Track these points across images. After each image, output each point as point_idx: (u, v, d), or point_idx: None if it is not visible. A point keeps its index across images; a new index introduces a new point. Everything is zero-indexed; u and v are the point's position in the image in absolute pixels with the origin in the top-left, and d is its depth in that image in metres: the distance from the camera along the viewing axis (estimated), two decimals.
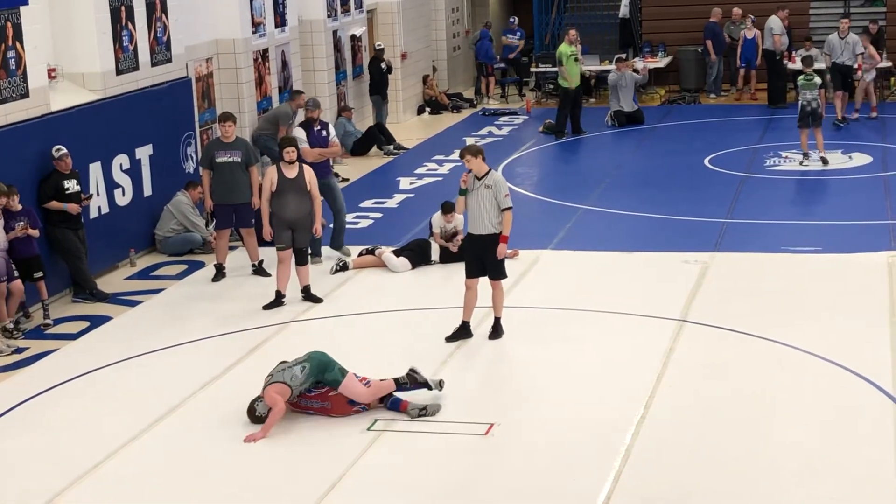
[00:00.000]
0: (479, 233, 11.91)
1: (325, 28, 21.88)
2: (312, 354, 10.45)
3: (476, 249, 12.01)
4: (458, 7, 29.69)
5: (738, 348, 11.71)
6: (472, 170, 11.82)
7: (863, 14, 27.02)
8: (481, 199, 11.81)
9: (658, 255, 14.83)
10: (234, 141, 14.62)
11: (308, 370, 10.28)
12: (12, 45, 13.55)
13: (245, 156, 14.63)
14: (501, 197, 11.79)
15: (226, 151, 14.55)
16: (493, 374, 11.29)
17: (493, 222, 11.84)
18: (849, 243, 15.00)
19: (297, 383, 10.22)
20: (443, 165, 20.91)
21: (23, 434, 10.39)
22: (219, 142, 14.69)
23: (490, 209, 11.80)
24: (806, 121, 19.20)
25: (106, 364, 11.94)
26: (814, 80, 19.20)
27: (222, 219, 14.65)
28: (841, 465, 9.16)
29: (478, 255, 11.99)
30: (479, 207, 11.83)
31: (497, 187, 11.79)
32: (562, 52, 23.03)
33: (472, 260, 12.07)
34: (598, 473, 9.11)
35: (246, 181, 14.59)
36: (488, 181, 11.80)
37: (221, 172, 14.49)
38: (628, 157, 21.29)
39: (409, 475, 9.31)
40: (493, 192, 11.78)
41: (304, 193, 13.39)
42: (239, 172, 14.53)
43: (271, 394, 10.14)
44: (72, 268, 14.01)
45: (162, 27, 16.54)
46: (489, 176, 11.82)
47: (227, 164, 14.51)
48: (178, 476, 9.48)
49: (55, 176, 13.80)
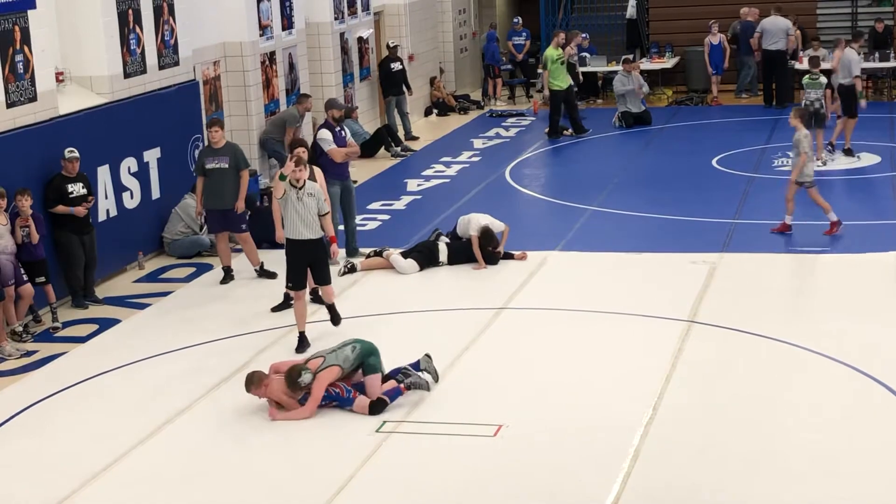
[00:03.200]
0: (307, 238, 12.06)
1: (333, 30, 21.89)
2: (356, 339, 10.73)
3: (301, 255, 12.11)
4: (465, 9, 29.69)
5: (746, 349, 11.70)
6: (299, 177, 11.94)
7: (870, 13, 26.98)
8: (305, 207, 11.97)
9: (666, 256, 14.82)
10: (223, 147, 14.66)
11: (359, 350, 10.58)
12: (20, 49, 13.58)
13: (234, 160, 14.62)
14: (322, 203, 12.05)
15: (215, 158, 14.59)
16: (502, 376, 11.29)
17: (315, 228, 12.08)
18: (857, 243, 14.98)
19: (347, 365, 10.52)
20: (450, 167, 20.91)
21: (32, 436, 10.41)
22: (210, 148, 14.74)
23: (311, 216, 12.01)
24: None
25: (115, 367, 11.95)
26: (819, 80, 19.13)
27: (213, 224, 14.71)
28: (850, 466, 9.15)
29: (304, 261, 12.11)
30: (304, 214, 11.98)
31: (318, 195, 12.03)
32: (548, 56, 23.01)
33: (300, 268, 12.18)
34: (606, 474, 9.11)
35: (236, 185, 14.59)
36: (309, 189, 11.98)
37: (211, 178, 14.54)
38: (636, 157, 21.27)
39: (417, 476, 9.32)
40: (316, 199, 11.98)
41: None
42: (228, 178, 14.52)
43: (323, 380, 10.35)
44: (68, 274, 13.94)
45: (169, 30, 16.56)
46: (310, 184, 12.04)
47: (216, 170, 14.54)
48: (187, 478, 9.50)
49: (58, 179, 13.81)
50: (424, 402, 10.59)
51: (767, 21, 24.99)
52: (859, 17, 26.99)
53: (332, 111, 15.40)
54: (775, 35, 24.74)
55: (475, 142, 23.16)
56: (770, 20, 24.96)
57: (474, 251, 14.70)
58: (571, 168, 21.23)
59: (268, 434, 10.19)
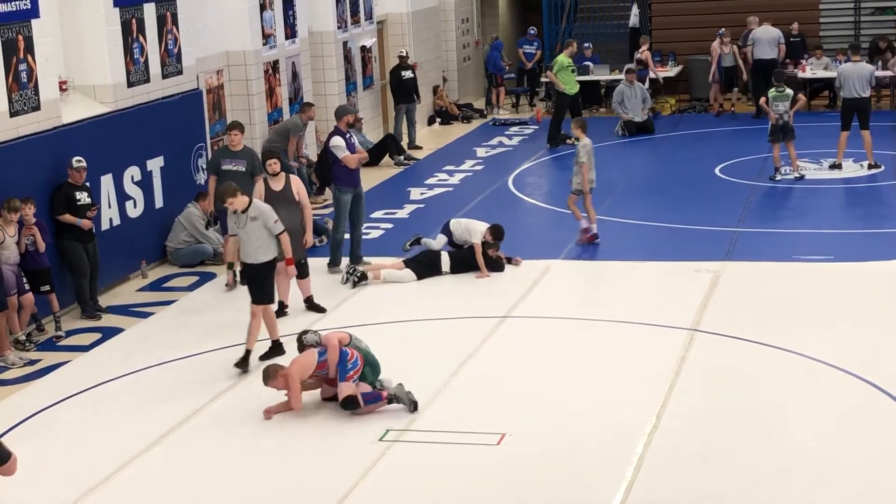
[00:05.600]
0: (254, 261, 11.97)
1: (336, 39, 21.90)
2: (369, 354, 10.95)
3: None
4: (467, 18, 29.71)
5: (749, 357, 11.69)
6: (236, 208, 11.89)
7: (873, 22, 27.00)
8: (251, 231, 11.89)
9: (669, 265, 14.82)
10: (241, 150, 14.82)
11: (367, 357, 10.79)
12: (24, 58, 13.60)
13: (250, 165, 14.82)
14: (271, 224, 11.95)
15: (232, 160, 14.79)
16: (505, 384, 11.28)
17: (265, 250, 11.96)
18: (861, 252, 14.98)
19: (358, 345, 10.85)
20: (453, 176, 20.92)
21: (36, 445, 10.40)
22: (227, 150, 14.97)
23: (262, 238, 11.91)
24: (777, 135, 19.07)
25: (118, 375, 11.95)
26: (786, 93, 19.07)
27: (225, 224, 14.76)
28: (853, 474, 9.14)
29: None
30: (252, 239, 11.89)
31: (264, 216, 11.93)
32: (560, 63, 23.04)
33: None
34: (610, 482, 9.10)
35: (249, 190, 14.65)
36: (252, 213, 11.89)
37: (225, 180, 14.58)
38: (639, 166, 21.28)
39: (420, 485, 9.31)
40: (262, 221, 11.91)
41: (293, 204, 13.42)
42: (243, 181, 14.57)
43: (332, 342, 10.68)
44: (75, 284, 13.96)
45: (173, 39, 16.58)
46: (253, 207, 11.95)
47: (232, 172, 14.70)
48: (190, 486, 9.49)
49: (67, 187, 13.83)
50: (428, 411, 10.59)
51: (759, 31, 25.08)
52: (862, 26, 26.99)
53: (347, 117, 15.39)
54: (767, 44, 24.87)
55: (478, 150, 23.18)
56: (761, 30, 25.09)
57: (477, 259, 14.70)
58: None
59: (271, 442, 10.20)
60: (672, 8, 27.75)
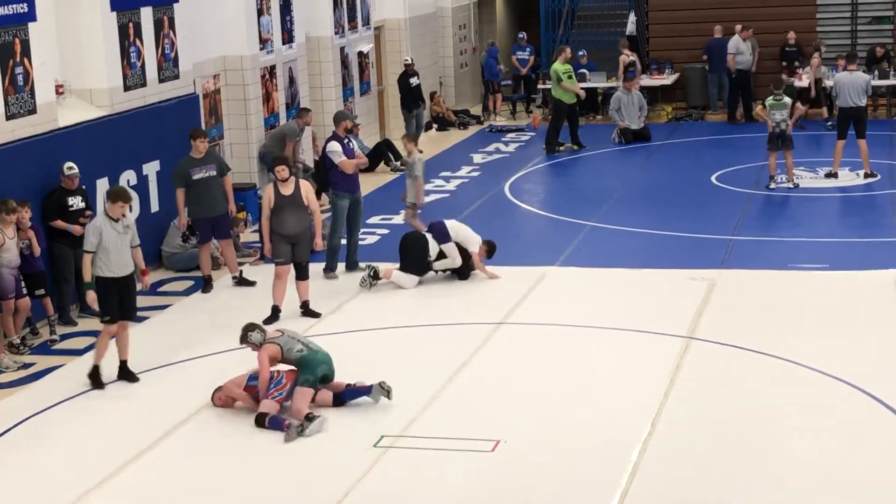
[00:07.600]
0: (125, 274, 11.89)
1: (333, 45, 21.92)
2: (314, 350, 10.85)
3: (118, 289, 11.87)
4: (465, 24, 29.73)
5: (745, 365, 11.69)
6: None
7: (869, 31, 27.03)
8: (123, 242, 11.80)
9: (665, 272, 14.81)
10: (206, 156, 14.81)
11: (304, 356, 10.72)
12: (20, 61, 13.59)
13: (219, 168, 14.90)
14: (135, 236, 11.95)
15: (202, 167, 14.74)
16: (500, 391, 11.27)
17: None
18: (857, 261, 14.98)
19: (290, 355, 10.74)
20: (450, 182, 20.92)
21: (30, 449, 10.39)
22: (191, 160, 14.81)
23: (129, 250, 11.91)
24: (775, 143, 19.05)
25: (112, 380, 11.92)
26: (783, 101, 19.06)
27: (205, 233, 14.82)
28: (849, 482, 9.14)
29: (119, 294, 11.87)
30: (123, 249, 11.81)
31: (133, 227, 11.95)
32: (557, 70, 23.08)
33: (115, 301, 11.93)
34: (604, 490, 9.09)
35: (221, 192, 14.78)
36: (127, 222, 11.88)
37: (199, 188, 14.63)
38: (635, 173, 21.28)
39: (415, 491, 9.30)
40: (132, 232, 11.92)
41: (303, 208, 13.47)
42: (216, 185, 14.75)
43: (264, 353, 10.76)
44: (57, 289, 13.81)
45: (169, 43, 16.57)
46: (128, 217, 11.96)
47: (205, 179, 14.71)
48: (184, 492, 9.48)
49: (59, 192, 13.80)
50: (422, 417, 10.58)
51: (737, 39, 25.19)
52: (859, 35, 27.02)
53: (344, 122, 15.38)
54: (744, 53, 25.03)
55: (475, 157, 23.19)
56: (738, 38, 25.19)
57: (477, 266, 14.72)
58: (571, 184, 21.25)
59: (266, 448, 10.17)
60: (669, 16, 27.76)
